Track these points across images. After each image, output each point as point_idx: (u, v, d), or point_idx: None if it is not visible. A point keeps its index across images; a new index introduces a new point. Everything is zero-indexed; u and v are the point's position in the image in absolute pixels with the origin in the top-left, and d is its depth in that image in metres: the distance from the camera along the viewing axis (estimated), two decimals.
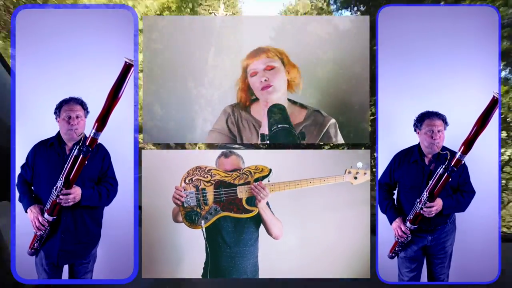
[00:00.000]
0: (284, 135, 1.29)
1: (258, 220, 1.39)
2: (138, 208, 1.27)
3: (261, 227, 1.41)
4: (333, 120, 1.44)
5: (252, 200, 1.33)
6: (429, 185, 1.29)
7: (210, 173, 1.32)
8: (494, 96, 1.19)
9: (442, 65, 1.34)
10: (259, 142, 1.38)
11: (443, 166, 1.26)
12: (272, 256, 1.42)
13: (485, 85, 1.27)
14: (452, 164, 1.25)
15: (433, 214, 1.30)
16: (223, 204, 1.30)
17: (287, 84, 1.43)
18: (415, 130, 1.34)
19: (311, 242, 1.45)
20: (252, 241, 1.41)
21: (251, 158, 1.39)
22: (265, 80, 1.37)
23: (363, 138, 1.47)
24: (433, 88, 1.35)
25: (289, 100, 1.46)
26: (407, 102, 1.35)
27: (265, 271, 1.44)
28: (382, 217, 1.38)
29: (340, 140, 1.43)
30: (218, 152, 1.39)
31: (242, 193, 1.30)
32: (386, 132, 1.36)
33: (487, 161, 1.33)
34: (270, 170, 1.31)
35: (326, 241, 1.45)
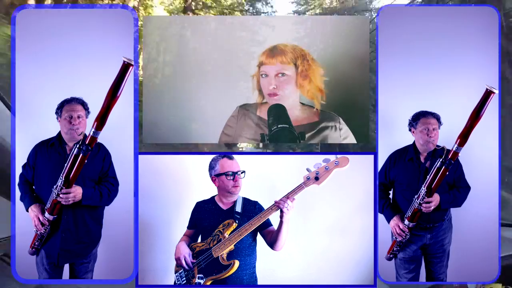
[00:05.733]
0: (284, 135, 1.30)
1: (255, 229, 1.35)
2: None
3: (258, 237, 1.36)
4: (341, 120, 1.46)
5: (231, 255, 1.32)
6: (427, 180, 1.30)
7: (191, 248, 1.35)
8: (487, 89, 1.21)
9: (442, 65, 1.35)
10: (260, 141, 1.38)
11: (441, 160, 1.27)
12: (273, 264, 1.39)
13: (485, 85, 1.27)
14: (449, 156, 1.26)
15: (431, 209, 1.31)
16: (204, 269, 1.33)
17: (308, 92, 1.42)
18: (410, 129, 1.35)
19: (312, 249, 1.40)
20: (249, 251, 1.35)
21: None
22: (273, 88, 1.39)
23: (363, 137, 1.47)
24: (433, 88, 1.35)
25: (301, 103, 1.45)
26: (407, 102, 1.35)
27: (266, 280, 1.38)
28: (381, 218, 1.38)
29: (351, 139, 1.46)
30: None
31: (216, 252, 1.32)
32: (386, 132, 1.37)
33: (487, 160, 1.33)
34: (236, 222, 1.33)
35: (328, 247, 1.40)
